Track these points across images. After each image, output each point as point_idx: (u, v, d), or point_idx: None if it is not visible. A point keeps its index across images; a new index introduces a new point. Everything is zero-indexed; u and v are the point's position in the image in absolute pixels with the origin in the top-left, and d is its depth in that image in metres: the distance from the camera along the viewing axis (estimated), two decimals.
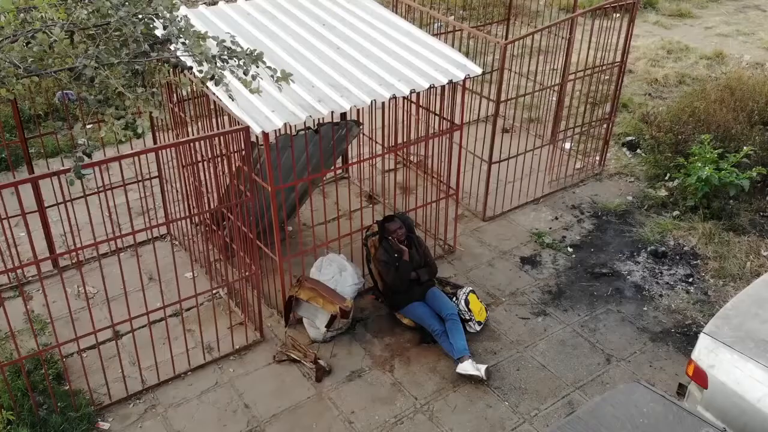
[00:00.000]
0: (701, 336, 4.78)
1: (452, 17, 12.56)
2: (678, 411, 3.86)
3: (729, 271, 6.86)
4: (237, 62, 3.81)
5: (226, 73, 3.96)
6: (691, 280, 6.82)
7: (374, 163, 7.98)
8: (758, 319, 4.82)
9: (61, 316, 5.89)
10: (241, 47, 3.83)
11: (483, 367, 5.54)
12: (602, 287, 6.69)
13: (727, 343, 4.65)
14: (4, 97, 3.66)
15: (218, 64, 3.73)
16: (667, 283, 6.78)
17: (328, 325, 5.78)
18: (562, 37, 8.27)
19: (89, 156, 3.79)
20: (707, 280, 6.82)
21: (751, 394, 4.43)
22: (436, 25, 10.16)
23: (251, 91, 3.97)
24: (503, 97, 7.17)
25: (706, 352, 4.70)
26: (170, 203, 6.86)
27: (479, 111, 8.72)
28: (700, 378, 4.68)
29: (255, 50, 3.85)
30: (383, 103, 6.77)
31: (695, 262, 7.05)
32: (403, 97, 6.93)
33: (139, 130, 3.80)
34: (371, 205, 7.61)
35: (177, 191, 6.66)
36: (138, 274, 5.57)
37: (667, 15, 14.38)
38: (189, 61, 3.94)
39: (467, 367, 5.54)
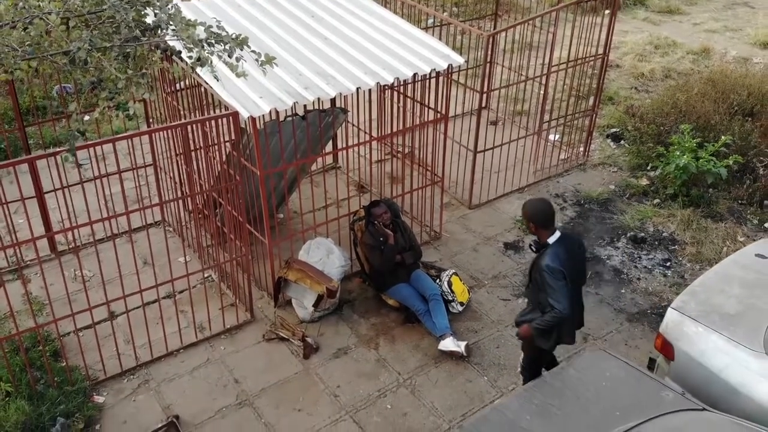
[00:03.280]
0: (669, 310, 5.01)
1: (445, 13, 12.79)
2: (639, 376, 4.09)
3: (706, 256, 7.08)
4: (223, 47, 4.03)
5: (214, 58, 4.19)
6: (668, 264, 7.05)
7: (364, 153, 8.20)
8: (724, 294, 5.06)
9: (58, 298, 6.10)
10: (227, 32, 4.06)
11: (463, 344, 5.77)
12: None
13: (693, 317, 4.88)
14: (2, 80, 3.89)
15: (205, 48, 3.95)
16: (645, 267, 7.01)
17: (316, 305, 6.01)
18: (549, 32, 8.48)
19: (83, 134, 4.01)
20: (684, 264, 7.05)
21: (715, 364, 4.67)
22: (429, 21, 10.38)
23: (237, 75, 4.19)
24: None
25: (673, 325, 4.93)
26: (164, 190, 7.08)
27: (465, 104, 8.94)
28: (668, 350, 4.91)
29: (240, 35, 4.07)
30: (371, 94, 7.01)
31: (673, 247, 7.28)
32: (392, 88, 7.18)
33: (131, 111, 4.03)
34: (360, 194, 7.82)
35: (171, 178, 6.87)
36: (132, 258, 5.79)
37: (657, 11, 14.60)
38: (178, 46, 4.16)
39: (448, 344, 5.77)
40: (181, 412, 5.36)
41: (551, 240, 4.57)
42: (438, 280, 6.33)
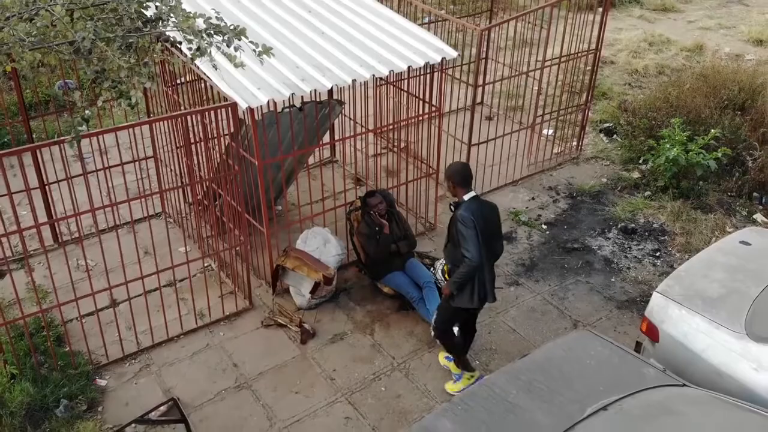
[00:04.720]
0: (654, 294, 5.17)
1: (442, 11, 12.94)
2: (622, 354, 4.24)
3: (695, 246, 7.23)
4: (222, 37, 4.19)
5: (213, 50, 4.34)
6: (658, 254, 7.20)
7: (361, 147, 8.36)
8: (707, 279, 5.21)
9: (62, 286, 6.25)
10: (226, 23, 4.21)
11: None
12: (573, 260, 7.08)
13: (677, 300, 5.04)
14: (8, 69, 4.04)
15: (204, 38, 4.11)
16: (635, 257, 7.17)
17: (313, 292, 6.16)
18: (542, 28, 8.64)
19: (87, 122, 4.17)
20: (673, 254, 7.21)
21: (697, 345, 4.82)
22: (425, 18, 10.54)
23: (235, 65, 4.34)
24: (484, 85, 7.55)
25: (657, 309, 5.09)
26: (165, 182, 7.23)
27: (461, 100, 9.10)
28: (652, 333, 5.07)
29: (238, 26, 4.23)
30: (367, 89, 7.16)
31: (663, 237, 7.44)
32: (387, 83, 7.34)
33: (133, 100, 4.19)
34: (356, 187, 7.97)
35: (171, 170, 7.03)
36: (134, 248, 5.94)
37: (652, 9, 14.76)
38: (178, 37, 4.32)
39: None
40: (182, 395, 5.52)
41: (466, 197, 5.06)
42: (432, 269, 6.47)
